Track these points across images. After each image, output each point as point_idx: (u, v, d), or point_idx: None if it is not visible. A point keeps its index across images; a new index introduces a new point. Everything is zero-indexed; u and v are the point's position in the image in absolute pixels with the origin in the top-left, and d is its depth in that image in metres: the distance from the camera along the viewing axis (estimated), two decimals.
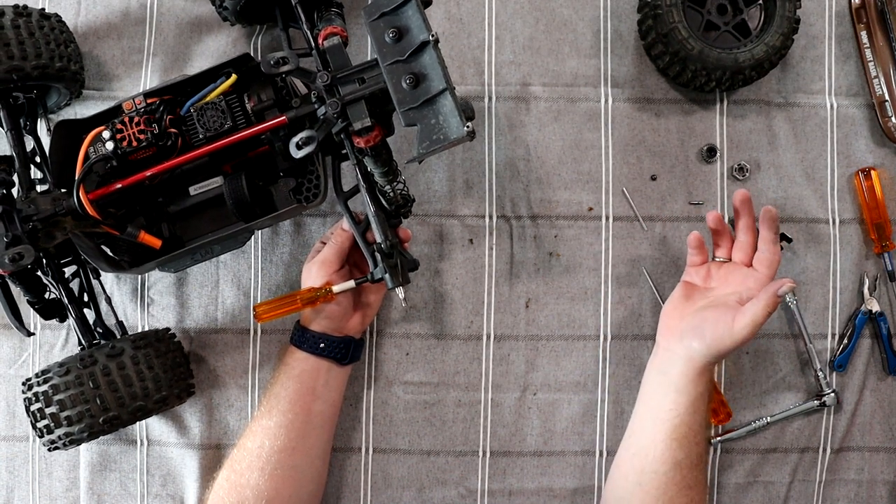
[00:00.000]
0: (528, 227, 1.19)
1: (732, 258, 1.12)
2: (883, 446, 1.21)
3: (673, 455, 1.04)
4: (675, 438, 1.04)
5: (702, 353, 1.05)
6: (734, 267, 1.11)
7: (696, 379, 1.05)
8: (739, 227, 1.11)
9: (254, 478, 1.03)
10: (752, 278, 1.08)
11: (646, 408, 1.10)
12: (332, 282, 1.04)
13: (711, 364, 1.06)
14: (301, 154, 0.91)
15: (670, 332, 1.10)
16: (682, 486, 1.03)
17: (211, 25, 1.20)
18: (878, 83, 1.20)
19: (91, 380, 0.96)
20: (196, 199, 1.04)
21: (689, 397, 1.05)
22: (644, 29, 1.16)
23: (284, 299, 1.03)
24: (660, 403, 1.07)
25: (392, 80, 0.89)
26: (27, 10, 1.03)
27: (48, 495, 1.18)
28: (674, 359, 1.08)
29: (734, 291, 1.08)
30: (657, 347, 1.12)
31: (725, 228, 1.13)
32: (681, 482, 1.03)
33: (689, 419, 1.04)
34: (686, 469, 1.04)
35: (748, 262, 1.11)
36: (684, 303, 1.11)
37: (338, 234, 1.07)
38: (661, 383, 1.08)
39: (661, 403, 1.06)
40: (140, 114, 0.98)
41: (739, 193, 1.09)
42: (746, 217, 1.11)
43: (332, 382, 1.09)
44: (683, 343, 1.07)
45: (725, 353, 1.04)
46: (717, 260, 1.13)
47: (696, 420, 1.05)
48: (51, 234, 0.98)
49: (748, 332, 1.02)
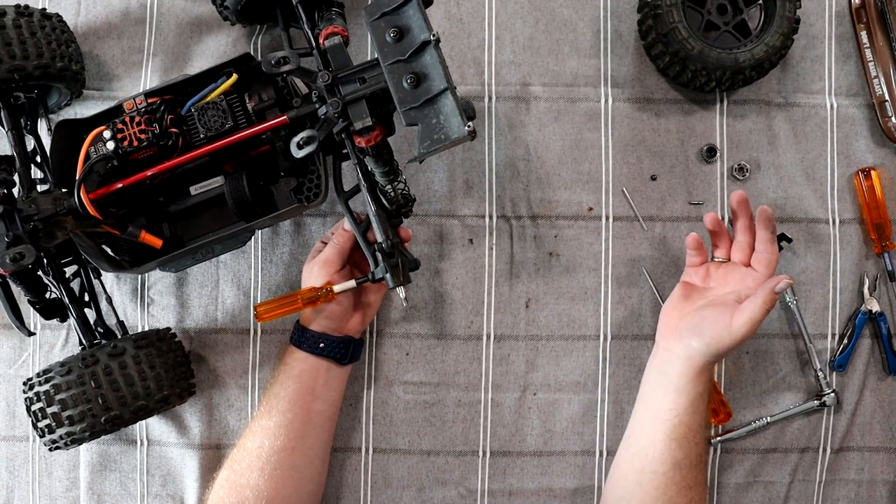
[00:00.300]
0: (528, 227, 1.19)
1: (731, 258, 1.13)
2: (883, 446, 1.21)
3: (672, 455, 1.04)
4: (674, 438, 1.04)
5: (701, 353, 1.04)
6: (733, 267, 1.11)
7: (696, 378, 1.05)
8: (737, 227, 1.11)
9: (253, 478, 1.03)
10: (750, 278, 1.08)
11: (645, 408, 1.10)
12: (333, 281, 1.04)
13: (711, 363, 1.06)
14: (302, 154, 0.92)
15: (669, 331, 1.10)
16: (682, 486, 1.03)
17: (211, 25, 1.20)
18: (878, 83, 1.20)
19: (93, 379, 0.96)
20: (197, 199, 1.05)
21: (688, 397, 1.05)
22: (644, 29, 1.16)
23: (285, 299, 1.03)
24: (659, 403, 1.07)
25: (393, 79, 0.89)
26: (28, 9, 1.03)
27: (48, 495, 1.18)
28: (673, 358, 1.07)
29: (733, 291, 1.08)
30: (656, 347, 1.12)
31: (723, 229, 1.13)
32: (680, 482, 1.03)
33: (689, 419, 1.04)
34: (686, 469, 1.04)
35: (747, 262, 1.11)
36: (683, 303, 1.11)
37: (339, 233, 1.07)
38: (660, 383, 1.08)
39: (661, 403, 1.06)
40: (141, 113, 0.98)
41: (737, 194, 1.09)
42: (744, 217, 1.11)
43: (331, 382, 1.09)
44: (682, 342, 1.06)
45: (725, 352, 1.04)
46: (716, 260, 1.14)
47: (696, 420, 1.05)
48: (52, 233, 0.98)
49: (746, 329, 1.02)
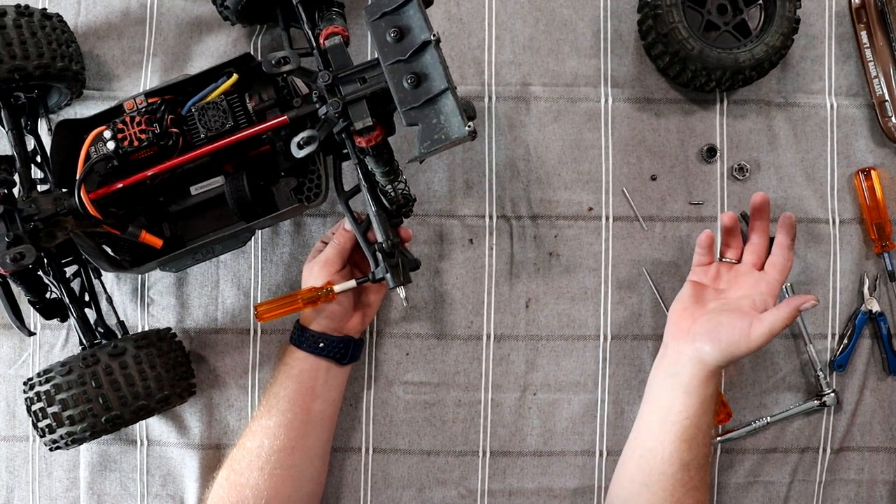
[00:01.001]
0: (528, 227, 1.19)
1: (743, 260, 1.12)
2: (883, 446, 1.21)
3: (681, 456, 1.04)
4: (684, 440, 1.04)
5: (714, 357, 1.04)
6: (745, 269, 1.11)
7: (707, 381, 1.05)
8: (754, 228, 1.12)
9: (253, 477, 1.03)
10: (764, 282, 1.08)
11: (652, 409, 1.10)
12: (334, 281, 1.04)
13: (721, 367, 1.06)
14: (302, 154, 0.92)
15: (681, 333, 1.10)
16: (690, 487, 1.04)
17: (211, 26, 1.20)
18: (878, 83, 1.20)
19: (94, 379, 0.96)
20: (197, 199, 1.05)
21: (699, 399, 1.05)
22: (644, 29, 1.16)
23: (285, 299, 1.03)
24: (669, 405, 1.06)
25: (393, 79, 0.89)
26: (29, 9, 1.03)
27: (48, 495, 1.18)
28: (684, 360, 1.07)
29: (746, 295, 1.08)
30: (665, 348, 1.12)
31: (738, 229, 1.13)
32: (688, 483, 1.03)
33: (699, 420, 1.04)
34: (693, 470, 1.04)
35: (760, 266, 1.11)
36: (694, 304, 1.11)
37: (339, 234, 1.07)
38: (669, 386, 1.08)
39: (671, 405, 1.06)
40: (141, 113, 0.98)
41: (759, 196, 1.09)
42: (762, 220, 1.11)
43: (331, 382, 1.09)
44: (695, 346, 1.06)
45: (738, 358, 1.04)
46: (726, 261, 1.13)
47: (705, 421, 1.05)
48: (52, 233, 0.98)
49: (764, 339, 1.02)
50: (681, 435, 1.04)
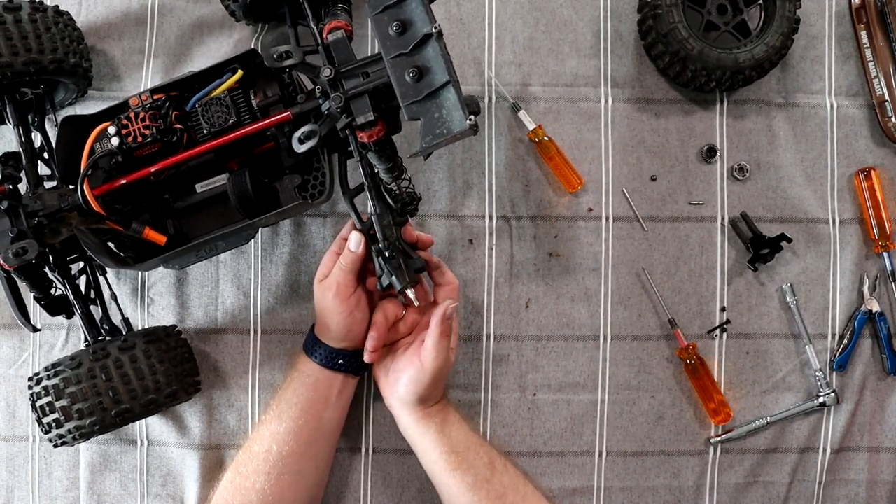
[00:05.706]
0: (528, 227, 1.19)
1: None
2: (883, 446, 1.21)
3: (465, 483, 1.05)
4: (453, 471, 1.06)
5: (411, 401, 1.06)
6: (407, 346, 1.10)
7: (427, 418, 1.07)
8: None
9: (259, 482, 1.03)
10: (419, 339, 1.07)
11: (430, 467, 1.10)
12: (351, 306, 1.03)
13: (431, 403, 1.08)
14: (303, 148, 0.92)
15: (387, 393, 1.10)
16: (492, 497, 1.05)
17: (212, 26, 1.20)
18: (878, 83, 1.21)
19: (104, 372, 0.96)
20: (201, 196, 1.05)
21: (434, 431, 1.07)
22: (644, 29, 1.17)
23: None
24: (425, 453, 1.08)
25: (395, 73, 0.89)
26: (43, 5, 1.04)
27: (48, 495, 1.18)
28: (399, 416, 1.09)
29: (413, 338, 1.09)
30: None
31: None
32: (486, 496, 1.05)
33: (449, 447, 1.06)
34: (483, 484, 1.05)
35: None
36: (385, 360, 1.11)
37: (345, 255, 1.03)
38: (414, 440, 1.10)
39: (426, 452, 1.08)
40: (146, 109, 0.98)
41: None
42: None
43: (345, 392, 1.09)
44: (395, 399, 1.08)
45: (431, 388, 1.04)
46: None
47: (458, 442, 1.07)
48: (56, 229, 0.98)
49: (434, 356, 1.01)
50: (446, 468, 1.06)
